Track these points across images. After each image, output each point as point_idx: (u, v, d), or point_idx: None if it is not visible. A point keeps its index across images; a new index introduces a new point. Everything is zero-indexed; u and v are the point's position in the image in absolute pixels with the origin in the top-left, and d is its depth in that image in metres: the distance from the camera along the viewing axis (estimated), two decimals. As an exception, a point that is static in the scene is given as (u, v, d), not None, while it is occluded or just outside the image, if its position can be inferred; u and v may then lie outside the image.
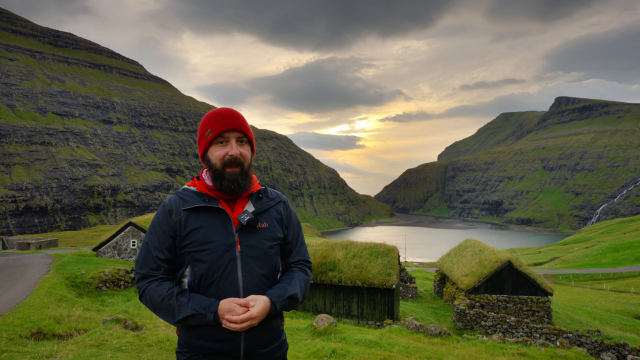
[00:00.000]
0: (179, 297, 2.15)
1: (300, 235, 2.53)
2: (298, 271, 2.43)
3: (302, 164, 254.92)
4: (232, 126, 2.29)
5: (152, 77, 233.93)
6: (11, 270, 20.38)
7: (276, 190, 2.55)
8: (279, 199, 2.50)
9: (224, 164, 2.27)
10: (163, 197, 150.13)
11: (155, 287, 2.20)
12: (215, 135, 2.29)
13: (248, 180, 2.34)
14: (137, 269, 2.29)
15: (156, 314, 2.24)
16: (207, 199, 2.29)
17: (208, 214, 2.27)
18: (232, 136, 2.30)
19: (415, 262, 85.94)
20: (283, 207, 2.49)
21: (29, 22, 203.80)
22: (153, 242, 2.28)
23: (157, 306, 2.18)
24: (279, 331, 2.39)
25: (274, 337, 2.34)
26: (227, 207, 2.31)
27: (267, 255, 2.31)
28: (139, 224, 28.85)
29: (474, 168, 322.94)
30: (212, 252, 2.20)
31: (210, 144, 2.32)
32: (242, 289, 2.20)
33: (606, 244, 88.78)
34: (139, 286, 2.27)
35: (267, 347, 2.30)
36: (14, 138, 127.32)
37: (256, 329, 2.20)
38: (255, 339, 2.24)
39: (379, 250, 23.23)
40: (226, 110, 2.35)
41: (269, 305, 2.16)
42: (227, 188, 2.28)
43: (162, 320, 12.61)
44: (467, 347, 11.32)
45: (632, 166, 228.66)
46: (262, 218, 2.34)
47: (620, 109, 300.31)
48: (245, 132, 2.34)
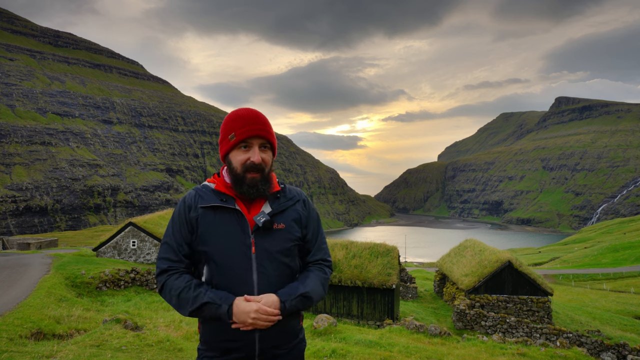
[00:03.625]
0: (198, 287, 2.18)
1: (320, 234, 2.50)
2: (315, 270, 2.41)
3: (302, 164, 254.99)
4: (256, 133, 2.27)
5: (152, 77, 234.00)
6: (11, 270, 20.39)
7: (297, 188, 2.53)
8: (299, 197, 2.46)
9: (245, 169, 2.27)
10: (163, 197, 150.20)
11: (174, 280, 2.22)
12: (238, 141, 2.28)
13: (268, 185, 2.33)
14: (158, 264, 2.30)
15: (174, 306, 2.24)
16: (225, 198, 2.29)
17: (224, 214, 2.27)
18: (255, 142, 2.29)
19: (415, 262, 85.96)
20: (302, 206, 2.45)
21: (29, 22, 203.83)
22: (175, 236, 2.29)
23: (175, 298, 2.19)
24: (296, 330, 2.38)
25: (290, 337, 2.33)
26: (244, 207, 2.31)
27: (283, 256, 2.30)
28: (139, 224, 28.85)
29: (474, 168, 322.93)
30: (227, 253, 2.22)
31: (232, 148, 2.31)
32: (257, 291, 2.20)
33: (606, 244, 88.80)
34: (159, 280, 2.27)
35: (282, 348, 2.29)
36: (14, 138, 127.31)
37: (271, 329, 2.20)
38: (270, 339, 2.23)
39: (379, 250, 23.24)
40: (251, 114, 2.32)
41: (278, 305, 2.15)
42: (247, 192, 2.28)
43: (162, 320, 12.64)
44: (467, 347, 11.32)
45: (632, 166, 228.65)
46: (279, 219, 2.32)
47: (620, 109, 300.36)
48: (269, 139, 2.33)
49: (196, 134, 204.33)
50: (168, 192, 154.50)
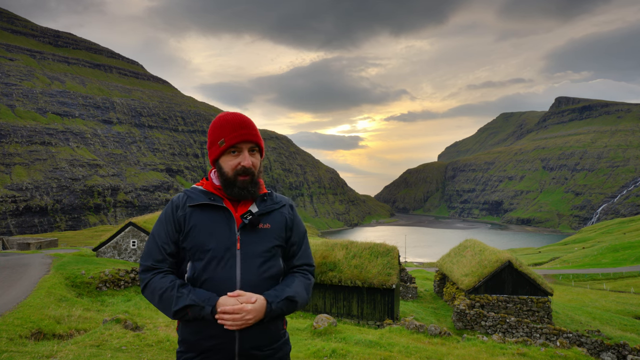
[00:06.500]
0: (180, 289, 2.19)
1: (304, 239, 2.55)
2: (299, 276, 2.44)
3: (302, 164, 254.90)
4: (245, 138, 2.34)
5: (152, 77, 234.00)
6: (11, 270, 20.39)
7: (282, 195, 2.58)
8: (285, 202, 2.53)
9: (236, 173, 2.33)
10: (163, 197, 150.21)
11: (159, 279, 2.24)
12: (228, 146, 2.33)
13: (257, 187, 2.40)
14: (142, 262, 2.32)
15: (156, 305, 2.26)
16: (213, 198, 2.35)
17: (212, 212, 2.32)
18: (244, 147, 2.36)
19: (415, 262, 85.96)
20: (288, 210, 2.51)
21: (29, 22, 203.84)
22: (160, 235, 2.33)
23: (158, 298, 2.21)
24: (279, 334, 2.38)
25: (272, 340, 2.33)
26: (231, 206, 2.36)
27: (267, 255, 2.33)
28: (139, 224, 28.83)
29: (474, 168, 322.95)
30: (213, 249, 2.24)
31: (222, 153, 2.37)
32: (240, 287, 2.22)
33: (606, 244, 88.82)
34: (142, 278, 2.29)
35: (264, 350, 2.28)
36: (14, 138, 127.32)
37: (251, 329, 2.20)
38: (250, 340, 2.23)
39: (379, 250, 23.24)
40: (238, 119, 2.38)
41: (264, 305, 2.17)
42: (238, 194, 2.34)
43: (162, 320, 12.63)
44: (467, 347, 11.31)
45: (632, 166, 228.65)
46: (265, 219, 2.38)
47: (620, 109, 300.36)
48: (257, 142, 2.40)
49: (196, 134, 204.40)
50: (168, 192, 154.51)
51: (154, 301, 2.24)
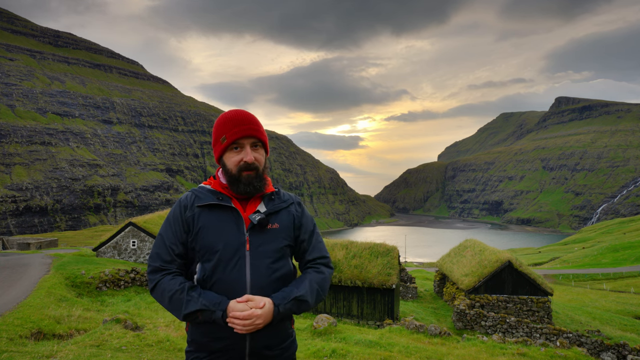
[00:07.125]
0: (190, 291, 2.18)
1: (315, 232, 2.54)
2: (312, 271, 2.42)
3: (302, 164, 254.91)
4: (246, 133, 2.33)
5: (152, 77, 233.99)
6: (11, 270, 20.39)
7: (289, 193, 2.58)
8: (293, 200, 2.53)
9: (239, 169, 2.32)
10: (163, 197, 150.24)
11: (168, 281, 2.23)
12: (229, 143, 2.33)
13: (263, 182, 2.39)
14: (150, 262, 2.31)
15: (166, 307, 2.25)
16: (221, 197, 2.34)
17: (220, 212, 2.32)
18: (246, 142, 2.35)
19: (415, 262, 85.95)
20: (296, 207, 2.50)
21: (29, 22, 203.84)
22: (168, 236, 2.32)
23: (167, 300, 2.20)
24: (287, 332, 2.39)
25: (282, 339, 2.34)
26: (240, 206, 2.36)
27: (276, 256, 2.32)
28: (139, 224, 28.83)
29: (474, 168, 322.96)
30: (222, 250, 2.24)
31: (225, 150, 2.38)
32: (250, 288, 2.22)
33: (606, 244, 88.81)
34: (151, 279, 2.28)
35: (274, 349, 2.30)
36: (14, 138, 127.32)
37: (262, 330, 2.20)
38: (261, 340, 2.24)
39: (379, 250, 23.24)
40: (240, 115, 2.38)
41: (272, 308, 2.16)
42: (244, 191, 2.34)
43: (162, 320, 12.63)
44: (467, 347, 11.32)
45: (632, 166, 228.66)
46: (274, 219, 2.37)
47: (620, 109, 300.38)
48: (260, 137, 2.38)
49: (196, 133, 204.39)
50: (168, 192, 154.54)
51: (164, 303, 2.24)
